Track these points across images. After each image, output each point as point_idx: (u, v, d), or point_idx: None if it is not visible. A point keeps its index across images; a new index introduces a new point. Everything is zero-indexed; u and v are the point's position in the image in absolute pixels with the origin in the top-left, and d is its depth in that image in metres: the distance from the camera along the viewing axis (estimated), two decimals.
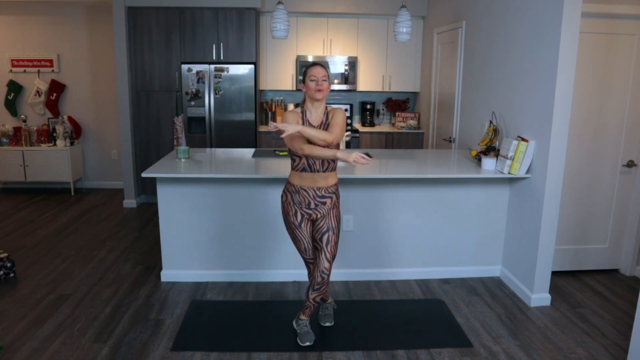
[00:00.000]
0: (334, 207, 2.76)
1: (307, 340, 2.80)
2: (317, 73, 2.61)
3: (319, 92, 2.61)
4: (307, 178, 2.68)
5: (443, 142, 5.16)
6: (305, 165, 2.66)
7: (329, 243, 2.72)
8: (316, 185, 2.69)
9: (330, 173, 2.72)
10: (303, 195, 2.69)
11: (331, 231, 2.73)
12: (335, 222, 2.76)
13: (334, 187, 2.76)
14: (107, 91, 6.34)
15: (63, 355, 2.67)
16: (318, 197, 2.70)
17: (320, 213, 2.73)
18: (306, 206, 2.71)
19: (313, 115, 2.68)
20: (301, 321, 2.88)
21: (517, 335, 2.97)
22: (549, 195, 3.22)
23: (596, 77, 3.59)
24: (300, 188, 2.69)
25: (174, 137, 4.04)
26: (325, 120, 2.68)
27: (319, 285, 2.74)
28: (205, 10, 5.38)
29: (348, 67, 5.95)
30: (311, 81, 2.62)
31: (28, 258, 4.06)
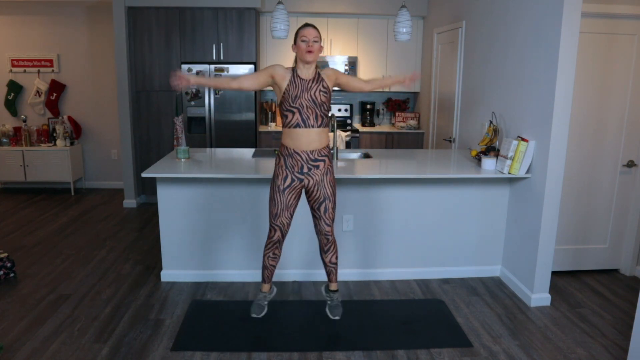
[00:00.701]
0: (327, 172, 2.76)
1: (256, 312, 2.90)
2: (309, 34, 2.63)
3: (310, 53, 2.62)
4: (301, 138, 2.67)
5: (443, 142, 5.15)
6: (299, 121, 2.66)
7: (327, 211, 2.79)
8: (310, 148, 2.69)
9: (324, 129, 2.72)
10: (296, 159, 2.70)
11: (327, 199, 2.78)
12: (330, 188, 2.78)
13: (326, 150, 2.77)
14: (107, 91, 6.34)
15: (63, 355, 2.67)
16: (311, 161, 2.71)
17: (313, 178, 2.73)
18: (299, 170, 2.71)
19: (304, 72, 2.69)
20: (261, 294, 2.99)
21: (517, 335, 2.97)
22: (549, 195, 3.22)
23: (596, 77, 3.59)
24: (294, 151, 2.70)
25: (174, 137, 4.04)
26: (318, 77, 2.69)
27: (327, 245, 2.88)
28: (205, 10, 5.38)
29: (348, 67, 5.95)
30: (302, 42, 2.63)
31: (28, 258, 4.06)
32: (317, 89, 2.68)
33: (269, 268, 2.94)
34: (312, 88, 2.67)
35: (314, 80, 2.69)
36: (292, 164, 2.71)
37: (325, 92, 2.69)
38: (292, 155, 2.71)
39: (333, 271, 2.99)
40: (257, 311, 2.92)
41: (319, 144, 2.72)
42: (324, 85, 2.70)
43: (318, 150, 2.72)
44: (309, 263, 3.67)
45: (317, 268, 3.67)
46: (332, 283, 3.03)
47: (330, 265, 2.97)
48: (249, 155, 3.98)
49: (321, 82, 2.70)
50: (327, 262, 2.96)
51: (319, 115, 2.68)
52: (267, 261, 2.92)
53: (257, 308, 2.93)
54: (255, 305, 2.94)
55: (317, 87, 2.68)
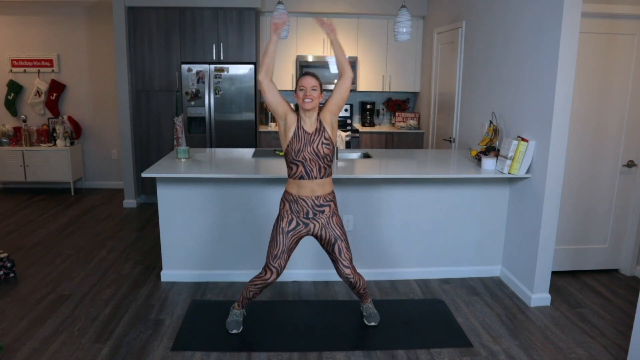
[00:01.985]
0: (333, 215, 2.78)
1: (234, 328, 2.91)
2: (306, 83, 2.63)
3: (307, 103, 2.62)
4: (305, 187, 2.69)
5: (443, 142, 5.16)
6: (302, 173, 2.67)
7: (341, 252, 2.78)
8: (314, 195, 2.70)
9: (327, 179, 2.73)
10: (301, 205, 2.71)
11: (339, 239, 2.77)
12: (339, 229, 2.79)
13: (331, 195, 2.78)
14: (107, 91, 6.34)
15: (63, 355, 2.67)
16: (317, 207, 2.72)
17: (319, 222, 2.74)
18: (304, 215, 2.72)
19: (307, 123, 2.68)
20: (364, 306, 3.09)
21: (517, 335, 2.97)
22: (549, 195, 3.22)
23: (596, 77, 3.59)
24: (299, 197, 2.70)
25: (174, 137, 4.04)
26: (320, 126, 2.68)
27: (352, 287, 2.91)
28: (205, 10, 5.38)
29: None
30: (300, 91, 2.64)
31: (28, 258, 4.06)
32: (320, 141, 2.66)
33: (250, 300, 2.94)
34: (315, 141, 2.66)
35: (317, 132, 2.68)
36: (297, 209, 2.72)
37: (328, 144, 2.68)
38: (297, 201, 2.71)
39: (363, 295, 3.04)
40: (237, 327, 2.93)
41: (323, 192, 2.73)
42: (326, 136, 2.68)
43: (323, 196, 2.73)
44: (309, 263, 3.67)
45: (317, 268, 3.67)
46: (364, 303, 3.10)
47: (362, 292, 3.00)
48: (249, 155, 3.98)
49: (323, 133, 2.68)
50: (356, 293, 3.00)
51: (322, 167, 2.69)
52: (249, 295, 2.89)
53: (235, 324, 2.94)
54: (234, 322, 2.95)
55: (319, 139, 2.67)
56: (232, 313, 2.99)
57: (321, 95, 2.68)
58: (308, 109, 2.64)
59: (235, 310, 2.99)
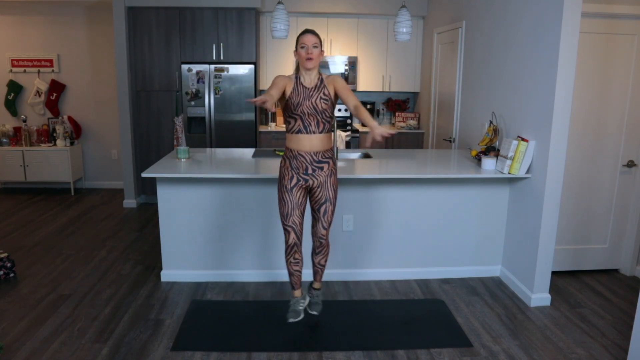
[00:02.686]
0: (331, 175, 2.80)
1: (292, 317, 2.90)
2: (308, 40, 2.65)
3: (309, 60, 2.65)
4: (304, 141, 2.71)
5: (443, 142, 5.16)
6: (300, 127, 2.70)
7: (326, 213, 2.82)
8: (313, 150, 2.72)
9: (326, 135, 2.75)
10: (300, 161, 2.73)
11: (328, 202, 2.81)
12: (332, 191, 2.81)
13: (331, 152, 2.80)
14: (107, 91, 6.34)
15: (63, 355, 2.67)
16: (315, 162, 2.74)
17: (317, 180, 2.76)
18: (304, 171, 2.74)
19: (306, 79, 2.72)
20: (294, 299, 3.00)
21: (517, 335, 2.97)
22: (549, 195, 3.22)
23: (596, 77, 3.59)
24: (298, 153, 2.73)
25: (174, 137, 4.04)
26: (320, 83, 2.70)
27: (320, 248, 2.92)
28: (205, 10, 5.38)
29: (348, 67, 5.96)
30: (301, 48, 2.66)
31: (28, 258, 4.06)
32: (318, 96, 2.70)
33: (295, 274, 2.93)
34: (314, 96, 2.69)
35: (316, 87, 2.71)
36: (297, 165, 2.75)
37: (327, 100, 2.71)
38: (296, 157, 2.74)
39: (319, 272, 3.04)
40: (294, 316, 2.92)
41: (322, 147, 2.75)
42: (325, 92, 2.71)
43: (322, 152, 2.75)
44: (309, 263, 3.66)
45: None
46: (316, 282, 3.10)
47: (318, 267, 3.02)
48: (249, 155, 3.98)
49: (323, 89, 2.71)
50: (316, 262, 3.00)
51: (320, 121, 2.71)
52: (290, 268, 2.91)
53: (293, 313, 2.93)
54: (291, 311, 2.94)
55: (318, 94, 2.70)
56: (291, 302, 3.00)
57: (321, 53, 2.70)
58: (309, 67, 2.68)
59: (293, 300, 2.99)
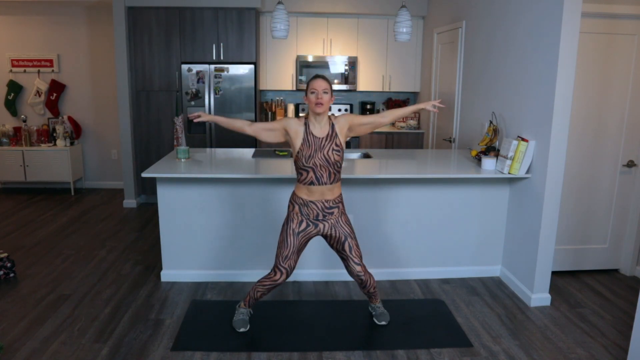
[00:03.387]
0: (341, 215, 2.80)
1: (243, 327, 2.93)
2: (318, 86, 2.62)
3: (319, 105, 2.61)
4: (315, 192, 2.70)
5: (443, 142, 5.15)
6: (313, 179, 2.67)
7: (351, 249, 2.81)
8: (324, 198, 2.72)
9: (336, 184, 2.74)
10: (311, 208, 2.73)
11: (349, 237, 2.80)
12: (348, 226, 2.81)
13: (340, 197, 2.80)
14: (107, 91, 6.34)
15: (63, 355, 2.67)
16: (326, 209, 2.74)
17: (328, 223, 2.76)
18: (314, 217, 2.74)
19: (317, 128, 2.68)
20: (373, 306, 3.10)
21: (517, 335, 2.97)
22: (549, 195, 3.22)
23: (596, 77, 3.59)
24: (309, 201, 2.72)
25: (174, 137, 4.04)
26: (331, 131, 2.67)
27: (362, 285, 2.92)
28: (205, 10, 5.38)
29: (348, 67, 5.96)
30: (311, 94, 2.62)
31: (28, 258, 4.06)
32: (330, 147, 2.66)
33: (257, 300, 2.95)
34: (325, 147, 2.65)
35: (328, 137, 2.67)
36: (307, 212, 2.74)
37: (338, 151, 2.68)
38: (307, 205, 2.73)
39: (373, 295, 3.04)
40: (244, 325, 2.95)
41: (332, 196, 2.74)
42: (337, 142, 2.68)
43: (332, 199, 2.75)
44: (310, 263, 3.67)
45: (317, 268, 3.67)
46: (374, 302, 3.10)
47: (370, 293, 3.02)
48: (249, 155, 3.98)
49: (334, 139, 2.68)
50: (366, 293, 3.01)
51: (332, 172, 2.69)
52: (257, 295, 2.89)
53: (242, 323, 2.95)
54: (240, 321, 2.96)
55: (330, 145, 2.66)
56: (238, 312, 3.00)
57: (332, 98, 2.67)
58: (319, 113, 2.64)
59: (241, 309, 3.00)
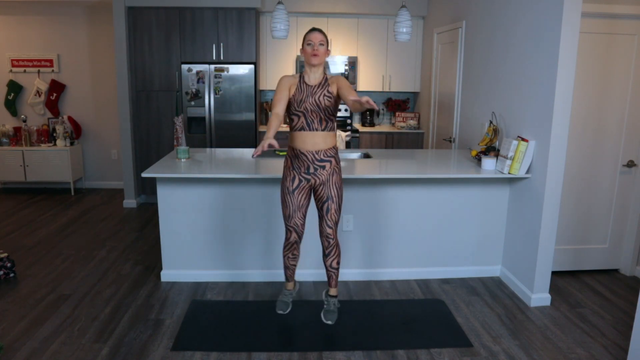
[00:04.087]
0: (333, 173, 2.81)
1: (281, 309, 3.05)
2: (314, 38, 2.71)
3: (315, 56, 2.70)
4: (307, 139, 2.74)
5: (443, 142, 5.15)
6: (303, 124, 2.73)
7: (329, 211, 2.84)
8: (315, 148, 2.75)
9: (329, 133, 2.77)
10: (302, 160, 2.76)
11: (331, 200, 2.82)
12: (335, 189, 2.83)
13: (333, 150, 2.82)
14: (107, 91, 6.34)
15: (63, 355, 2.67)
16: (317, 161, 2.76)
17: (319, 179, 2.79)
18: (305, 171, 2.77)
19: (311, 78, 2.76)
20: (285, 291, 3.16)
21: (517, 335, 2.97)
22: (549, 195, 3.22)
23: (596, 77, 3.59)
24: (300, 152, 2.76)
25: (174, 137, 4.04)
26: (324, 82, 2.74)
27: (329, 249, 2.92)
28: (205, 10, 5.38)
29: (348, 67, 5.95)
30: (307, 45, 2.71)
31: (28, 258, 4.06)
32: (322, 93, 2.74)
33: (290, 267, 3.06)
34: (317, 93, 2.73)
35: (320, 85, 2.75)
36: (298, 164, 2.78)
37: (330, 97, 2.74)
38: (298, 156, 2.77)
39: (333, 276, 3.03)
40: (283, 308, 3.05)
41: (324, 145, 2.77)
42: (329, 90, 2.75)
43: (324, 150, 2.77)
44: (309, 263, 3.67)
45: (316, 268, 3.67)
46: (331, 288, 3.07)
47: (331, 270, 3.00)
48: (248, 155, 3.98)
49: (326, 87, 2.76)
50: (328, 266, 3.00)
51: (322, 119, 2.74)
52: (287, 261, 3.03)
53: (282, 305, 3.07)
54: (280, 302, 3.08)
55: (321, 91, 2.74)
56: (282, 293, 3.15)
57: (327, 51, 2.75)
58: (315, 64, 2.72)
59: (285, 291, 3.12)
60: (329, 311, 3.04)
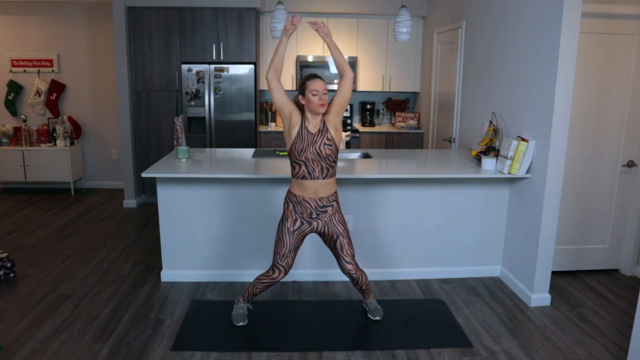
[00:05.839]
0: (335, 213, 2.82)
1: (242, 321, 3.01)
2: (319, 87, 2.65)
3: (323, 106, 2.66)
4: (309, 188, 2.72)
5: (443, 142, 5.16)
6: (305, 173, 2.70)
7: (343, 248, 2.85)
8: (318, 196, 2.74)
9: (330, 180, 2.76)
10: (305, 207, 2.76)
11: (341, 236, 2.83)
12: (341, 226, 2.84)
13: (334, 195, 2.82)
14: (107, 91, 6.34)
15: (63, 355, 2.67)
16: (320, 207, 2.77)
17: (322, 221, 2.79)
18: (308, 216, 2.77)
19: (311, 124, 2.71)
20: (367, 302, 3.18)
21: (517, 335, 2.97)
22: (549, 195, 3.22)
23: (596, 77, 3.59)
24: (303, 199, 2.75)
25: (174, 137, 4.04)
26: (323, 126, 2.71)
27: (355, 281, 2.97)
28: (205, 10, 5.38)
29: None
30: (313, 95, 2.64)
31: (28, 258, 4.06)
32: (322, 142, 2.69)
33: (255, 295, 3.03)
34: (317, 142, 2.68)
35: (320, 132, 2.70)
36: (301, 210, 2.77)
37: (330, 145, 2.70)
38: (300, 202, 2.76)
39: (366, 292, 3.11)
40: (243, 320, 3.01)
41: (326, 193, 2.77)
42: (328, 137, 2.70)
43: (326, 197, 2.77)
44: (309, 263, 3.67)
45: (317, 268, 3.67)
46: (367, 298, 3.17)
47: (362, 290, 3.08)
48: (249, 155, 3.98)
49: (326, 134, 2.70)
50: (359, 289, 3.07)
51: (324, 167, 2.72)
52: (255, 291, 2.98)
53: (241, 317, 3.02)
54: (239, 315, 3.03)
55: (322, 140, 2.69)
56: (237, 307, 3.07)
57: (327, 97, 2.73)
58: (321, 113, 2.68)
59: (240, 304, 3.07)
60: (372, 310, 3.12)
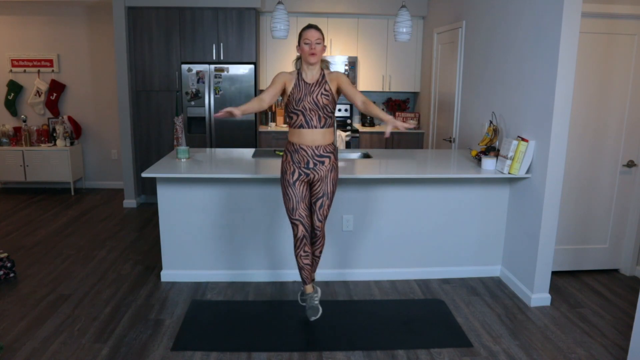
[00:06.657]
0: (332, 170, 2.86)
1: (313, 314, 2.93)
2: (311, 36, 2.71)
3: (313, 55, 2.72)
4: (306, 136, 2.77)
5: (443, 142, 5.16)
6: (302, 122, 2.77)
7: (322, 207, 2.91)
8: (315, 144, 2.79)
9: (328, 130, 2.81)
10: (302, 155, 2.79)
11: (325, 196, 2.89)
12: (332, 186, 2.89)
13: (332, 147, 2.86)
14: (107, 91, 6.34)
15: (63, 355, 2.67)
16: (317, 156, 2.80)
17: (318, 174, 2.83)
18: (305, 165, 2.80)
19: (308, 75, 2.79)
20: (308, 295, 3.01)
21: (517, 335, 2.97)
22: (549, 195, 3.22)
23: (596, 77, 3.59)
24: (300, 147, 2.79)
25: (174, 137, 4.04)
26: (321, 79, 2.76)
27: (315, 239, 3.00)
28: (205, 10, 5.38)
29: (348, 67, 5.96)
30: (305, 44, 2.72)
31: (28, 258, 4.06)
32: (319, 92, 2.76)
33: (305, 268, 2.99)
34: (315, 91, 2.76)
35: (317, 83, 2.77)
36: (298, 159, 2.81)
37: (327, 95, 2.77)
38: (298, 151, 2.80)
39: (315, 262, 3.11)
40: (314, 313, 2.95)
41: (323, 142, 2.82)
42: (326, 88, 2.78)
43: (323, 146, 2.82)
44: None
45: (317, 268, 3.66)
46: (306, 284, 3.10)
47: (313, 257, 3.09)
48: (249, 155, 3.98)
49: (324, 84, 2.78)
50: (312, 252, 3.06)
51: (321, 117, 2.78)
52: (300, 261, 2.98)
53: (311, 311, 2.95)
54: (310, 308, 2.96)
55: (319, 90, 2.76)
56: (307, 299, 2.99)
57: (324, 48, 2.77)
58: (313, 62, 2.74)
59: (307, 295, 3.01)
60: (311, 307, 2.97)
